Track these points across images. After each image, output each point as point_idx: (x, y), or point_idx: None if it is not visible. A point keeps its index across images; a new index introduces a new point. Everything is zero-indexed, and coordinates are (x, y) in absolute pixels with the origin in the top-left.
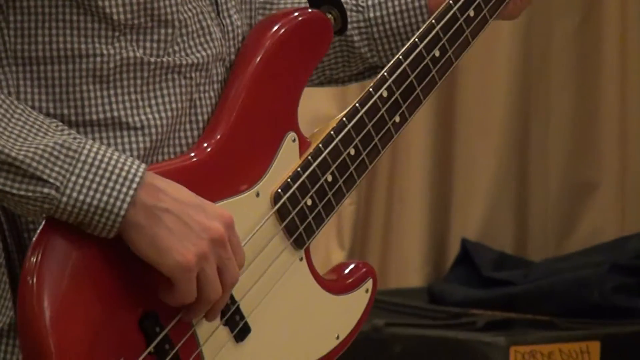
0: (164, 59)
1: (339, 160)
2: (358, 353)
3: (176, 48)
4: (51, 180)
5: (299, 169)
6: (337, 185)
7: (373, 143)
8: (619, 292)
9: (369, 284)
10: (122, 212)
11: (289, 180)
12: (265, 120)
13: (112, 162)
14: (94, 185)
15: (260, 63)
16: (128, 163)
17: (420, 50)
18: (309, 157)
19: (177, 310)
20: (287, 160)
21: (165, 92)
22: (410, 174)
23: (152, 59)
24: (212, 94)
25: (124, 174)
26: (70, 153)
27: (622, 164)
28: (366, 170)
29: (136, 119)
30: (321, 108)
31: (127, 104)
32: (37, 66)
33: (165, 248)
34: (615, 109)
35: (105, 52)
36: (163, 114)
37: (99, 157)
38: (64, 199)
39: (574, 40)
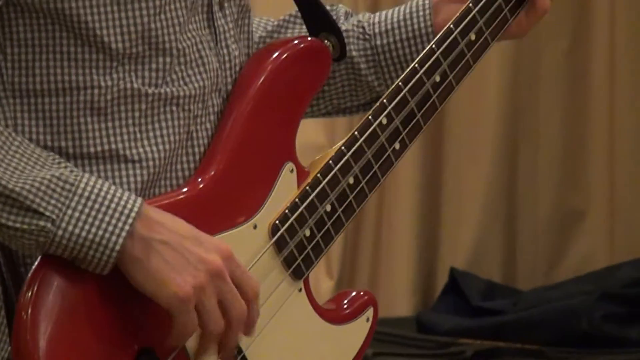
0: (162, 90)
1: (337, 190)
2: None
3: (174, 77)
4: (47, 214)
5: (297, 200)
6: (336, 215)
7: (372, 171)
8: (608, 321)
9: (369, 312)
10: (117, 247)
11: (286, 211)
12: (263, 151)
13: (109, 196)
14: (90, 220)
15: (257, 93)
16: (125, 197)
17: (420, 76)
18: (307, 188)
19: (172, 345)
20: (285, 191)
21: (163, 124)
22: (398, 203)
23: (150, 90)
24: (208, 125)
25: (120, 208)
26: (67, 186)
27: (610, 191)
28: (366, 198)
29: (134, 151)
30: (309, 137)
31: (125, 137)
32: (34, 98)
33: (163, 280)
34: (603, 135)
35: (103, 83)
36: (161, 147)
37: (96, 190)
38: (60, 232)
39: (562, 66)
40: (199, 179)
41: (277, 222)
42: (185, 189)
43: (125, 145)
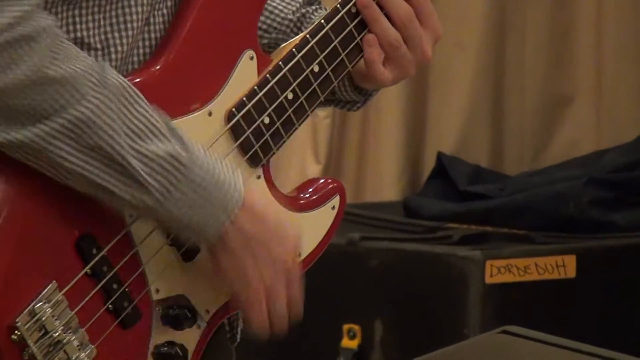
0: None
1: (300, 77)
2: (333, 267)
3: None
4: (154, 192)
5: (255, 87)
6: (298, 102)
7: (340, 58)
8: (594, 206)
9: (335, 200)
10: (215, 236)
11: (244, 98)
12: (220, 37)
13: (218, 182)
14: (195, 206)
15: None
16: (232, 184)
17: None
18: (267, 75)
19: (115, 232)
20: (243, 79)
21: (127, 10)
22: (385, 88)
23: None
24: (165, 11)
25: (227, 198)
26: (181, 168)
27: (598, 76)
28: (331, 85)
29: (97, 39)
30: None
31: (90, 24)
32: None
33: (246, 274)
34: (590, 21)
35: None
36: (123, 33)
37: (207, 177)
38: (161, 210)
39: None
40: (151, 67)
41: (233, 109)
42: (134, 77)
43: (90, 33)
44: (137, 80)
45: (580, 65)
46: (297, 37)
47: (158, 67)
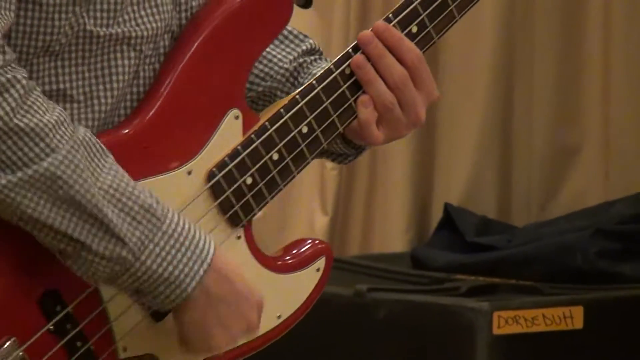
0: (114, 30)
1: (287, 138)
2: (341, 317)
3: (126, 17)
4: (130, 245)
5: (239, 147)
6: (284, 163)
7: (330, 120)
8: (602, 257)
9: (320, 262)
10: (189, 290)
11: (226, 158)
12: (205, 95)
13: (190, 236)
14: (169, 258)
15: (207, 35)
16: (202, 239)
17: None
18: (252, 135)
19: (83, 288)
20: (227, 138)
21: (112, 63)
22: None
23: (102, 32)
24: (157, 66)
25: (198, 251)
26: (154, 220)
27: (605, 127)
28: (320, 146)
29: (80, 90)
30: None
31: (74, 76)
32: None
33: (208, 334)
34: (598, 71)
35: (57, 22)
36: (108, 86)
37: (179, 229)
38: (137, 264)
39: (557, 3)
40: (134, 121)
41: (214, 169)
42: (116, 131)
43: (73, 85)
44: (115, 135)
45: (588, 115)
46: (287, 97)
47: (138, 123)
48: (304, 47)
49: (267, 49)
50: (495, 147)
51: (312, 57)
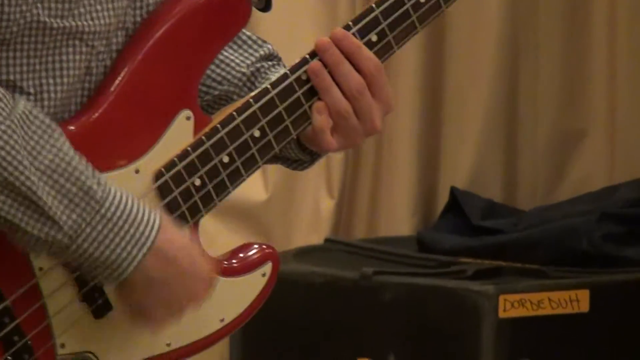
0: (67, 23)
1: (239, 141)
2: (347, 301)
3: (82, 10)
4: (66, 228)
5: (189, 148)
6: (234, 166)
7: (283, 125)
8: (607, 241)
9: (267, 267)
10: (126, 274)
11: (175, 158)
12: (157, 95)
13: (130, 219)
14: (107, 242)
15: (162, 34)
16: (145, 222)
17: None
18: (203, 137)
19: (23, 283)
20: (177, 139)
21: (64, 57)
22: (398, 122)
23: (56, 23)
24: (108, 62)
25: (138, 235)
26: (93, 203)
27: (610, 111)
28: (272, 151)
29: (29, 83)
30: None
31: (25, 68)
32: None
33: (149, 313)
34: (604, 56)
35: (10, 11)
36: (58, 80)
37: (119, 212)
38: (74, 247)
39: None
40: (83, 117)
41: (162, 169)
42: (67, 125)
43: (23, 77)
44: (63, 130)
45: (594, 99)
46: (241, 100)
47: (86, 120)
48: (262, 52)
49: (225, 53)
50: (501, 131)
51: (270, 63)
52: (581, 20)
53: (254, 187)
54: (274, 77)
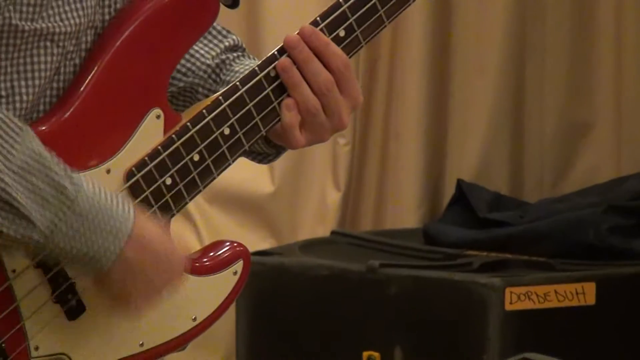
0: (38, 25)
1: (209, 140)
2: (353, 293)
3: (51, 12)
4: (42, 227)
5: (159, 147)
6: (204, 165)
7: (253, 122)
8: (614, 233)
9: (238, 265)
10: (105, 269)
11: (146, 158)
12: (125, 94)
13: (106, 213)
14: (83, 239)
15: (131, 32)
16: (119, 214)
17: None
18: (173, 136)
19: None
20: (148, 138)
21: (35, 59)
22: (405, 115)
23: (27, 26)
24: (77, 61)
25: (114, 230)
26: (66, 201)
27: (617, 103)
28: (242, 149)
29: (2, 86)
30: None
31: None
32: None
33: (127, 302)
34: (611, 48)
35: None
36: (30, 82)
37: (94, 210)
38: (50, 245)
39: None
40: (53, 118)
41: (133, 168)
42: (36, 126)
43: None
44: (35, 130)
45: (600, 91)
46: (210, 97)
47: (56, 120)
48: (227, 44)
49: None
50: (508, 123)
51: (235, 54)
52: (588, 12)
53: (260, 180)
54: (240, 70)
